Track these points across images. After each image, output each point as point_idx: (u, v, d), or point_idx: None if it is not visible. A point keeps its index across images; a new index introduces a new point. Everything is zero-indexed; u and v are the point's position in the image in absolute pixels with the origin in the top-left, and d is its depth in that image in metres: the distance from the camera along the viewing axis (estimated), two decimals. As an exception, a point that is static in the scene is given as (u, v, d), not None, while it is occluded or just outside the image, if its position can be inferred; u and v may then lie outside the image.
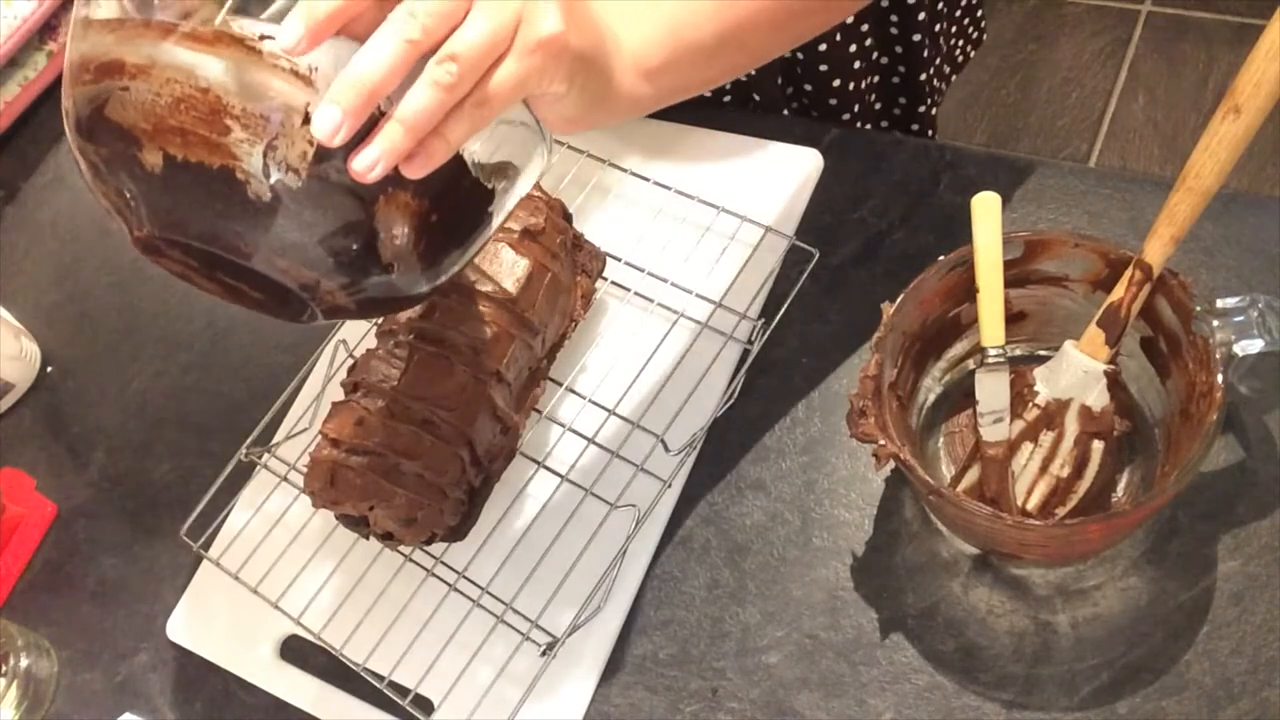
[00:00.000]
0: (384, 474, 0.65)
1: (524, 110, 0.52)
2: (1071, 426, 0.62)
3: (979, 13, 0.97)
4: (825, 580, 0.67)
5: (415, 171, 0.46)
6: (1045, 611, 0.63)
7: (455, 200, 0.50)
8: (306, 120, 0.45)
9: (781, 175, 0.80)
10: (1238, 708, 0.58)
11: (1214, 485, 0.63)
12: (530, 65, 0.46)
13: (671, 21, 0.54)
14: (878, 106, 0.92)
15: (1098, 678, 0.60)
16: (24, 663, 0.76)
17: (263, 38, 0.46)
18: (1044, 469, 0.63)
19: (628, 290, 0.77)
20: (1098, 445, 0.62)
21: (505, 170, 0.51)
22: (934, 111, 0.96)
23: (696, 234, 0.78)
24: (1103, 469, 0.62)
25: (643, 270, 0.77)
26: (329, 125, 0.43)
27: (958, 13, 0.94)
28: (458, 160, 0.49)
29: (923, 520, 0.67)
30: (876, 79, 0.90)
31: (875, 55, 0.88)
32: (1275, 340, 0.55)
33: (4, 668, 0.75)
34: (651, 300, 0.77)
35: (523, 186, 0.52)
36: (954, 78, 0.99)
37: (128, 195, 0.49)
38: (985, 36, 1.00)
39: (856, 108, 0.89)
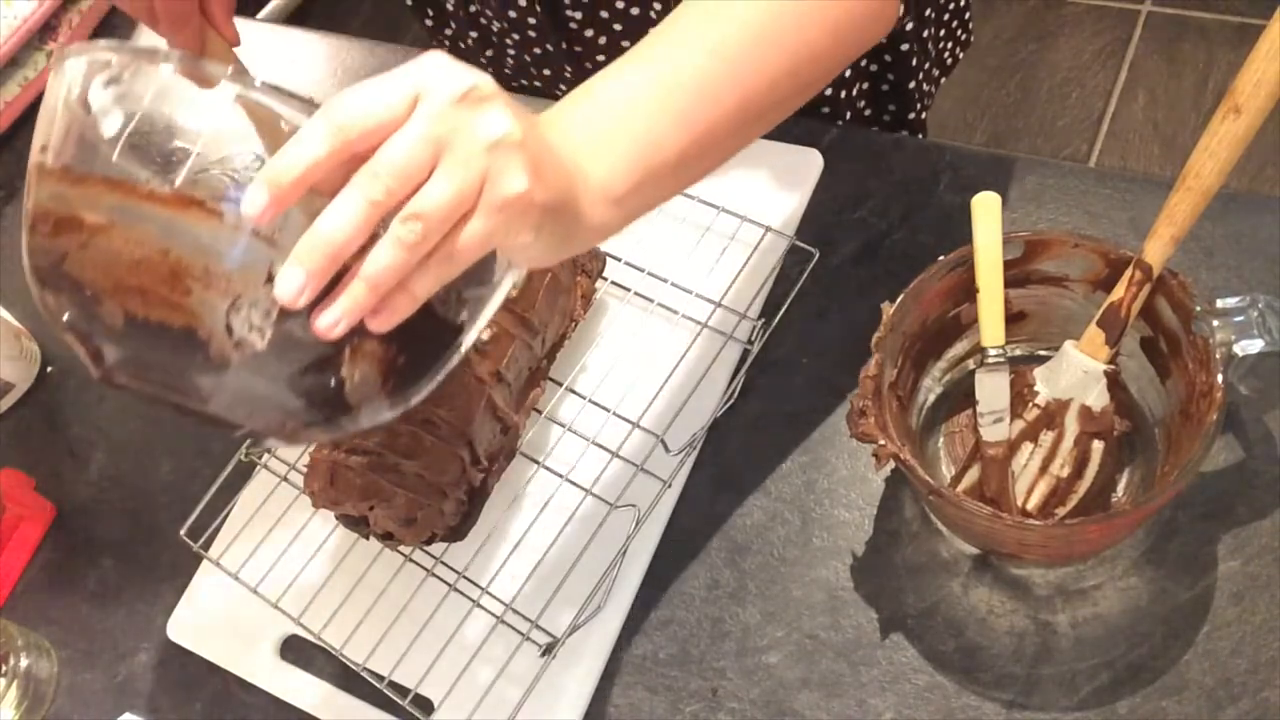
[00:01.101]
0: (384, 474, 0.65)
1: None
2: (1071, 426, 0.62)
3: (967, 15, 0.97)
4: (825, 580, 0.67)
5: (380, 326, 0.45)
6: (1045, 611, 0.63)
7: (421, 340, 0.49)
8: (270, 280, 0.44)
9: (781, 175, 0.80)
10: (1238, 708, 0.58)
11: (1214, 485, 0.63)
12: (495, 224, 0.46)
13: (636, 146, 0.54)
14: (868, 113, 0.92)
15: (1098, 678, 0.60)
16: (24, 663, 0.76)
17: (224, 199, 0.45)
18: (1044, 469, 0.63)
19: (628, 290, 0.77)
20: (1098, 445, 0.62)
21: (472, 302, 0.51)
22: (924, 116, 0.96)
23: (696, 234, 0.78)
24: (1103, 469, 0.62)
25: (643, 270, 0.77)
26: (293, 287, 0.42)
27: (946, 16, 0.94)
28: (423, 304, 0.48)
29: (923, 520, 0.67)
30: (866, 85, 0.90)
31: (864, 62, 0.88)
32: (1275, 340, 0.56)
33: (4, 668, 0.75)
34: (651, 300, 0.77)
35: (490, 313, 0.52)
36: (943, 80, 0.99)
37: (89, 338, 0.48)
38: (973, 38, 1.00)
39: (848, 115, 0.89)
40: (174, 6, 0.70)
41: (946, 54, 0.97)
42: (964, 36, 0.98)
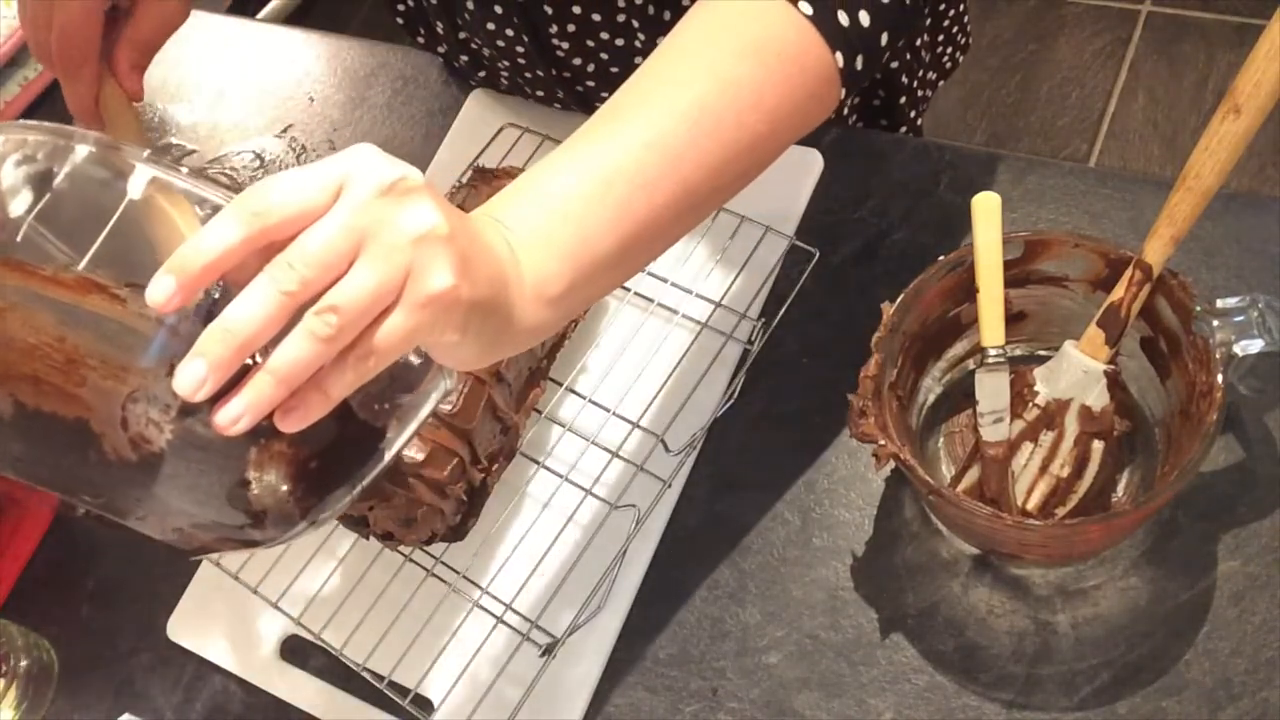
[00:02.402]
0: (384, 474, 0.65)
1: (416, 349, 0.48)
2: (1071, 426, 0.62)
3: (966, 19, 0.97)
4: (825, 580, 0.67)
5: (291, 426, 0.42)
6: (1045, 611, 0.63)
7: (339, 444, 0.46)
8: (171, 371, 0.41)
9: (781, 175, 0.79)
10: (1238, 708, 0.58)
11: (1214, 485, 0.63)
12: (419, 320, 0.43)
13: (572, 243, 0.51)
14: (859, 127, 0.92)
15: (1098, 678, 0.60)
16: (24, 663, 0.76)
17: (130, 285, 0.42)
18: (1044, 469, 0.63)
19: (627, 290, 0.77)
20: (1098, 445, 0.62)
21: (398, 406, 0.48)
22: (919, 122, 0.96)
23: (696, 234, 0.78)
24: (1103, 469, 0.62)
25: (643, 270, 0.77)
26: (192, 381, 0.40)
27: (945, 22, 0.94)
28: (341, 404, 0.44)
29: (923, 520, 0.67)
30: (857, 100, 0.90)
31: None
32: (1275, 340, 0.56)
33: (4, 668, 0.75)
34: (651, 300, 0.77)
35: (420, 418, 0.48)
36: (941, 83, 0.99)
37: None
38: (971, 40, 1.00)
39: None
40: (71, 50, 0.67)
41: (946, 59, 0.97)
42: (963, 40, 0.98)
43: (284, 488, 0.46)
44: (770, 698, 0.64)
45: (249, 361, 0.42)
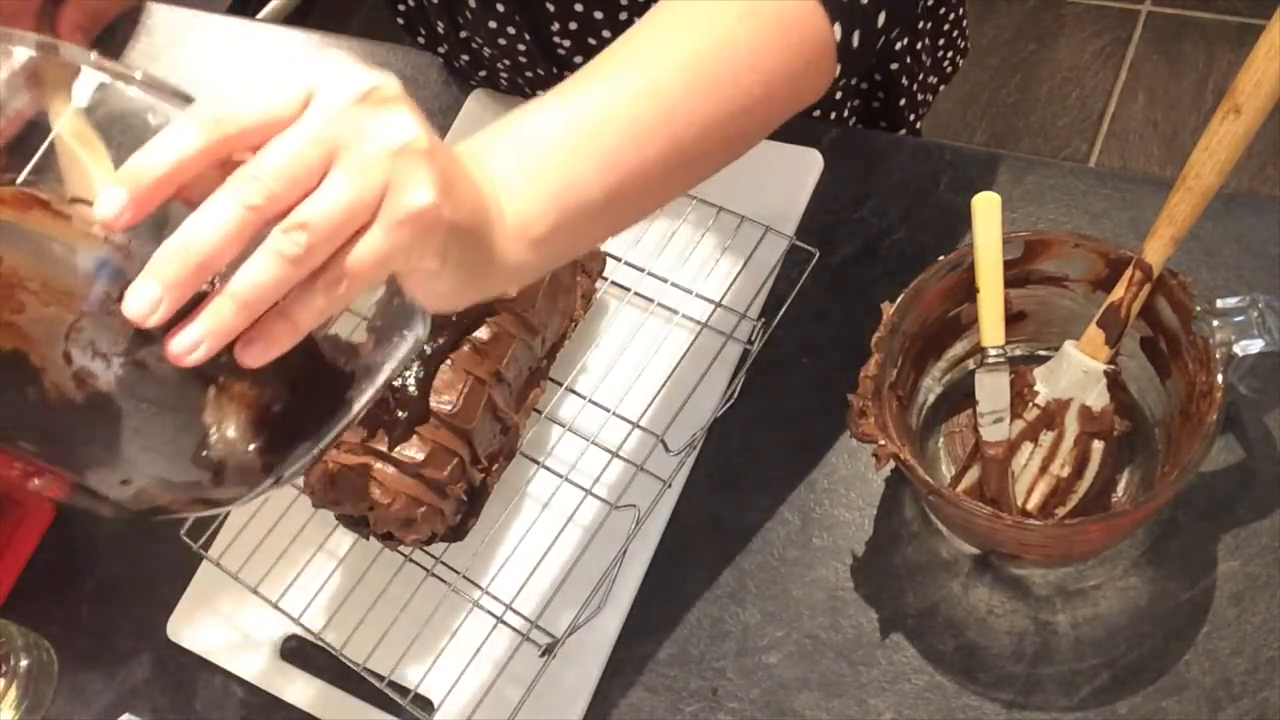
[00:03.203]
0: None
1: (389, 281, 0.43)
2: (1071, 426, 0.62)
3: (965, 23, 0.97)
4: (825, 580, 0.67)
5: (253, 359, 0.38)
6: (1045, 611, 0.63)
7: (303, 388, 0.42)
8: (121, 296, 0.37)
9: (781, 175, 0.80)
10: (1238, 708, 0.58)
11: (1214, 485, 0.63)
12: (396, 240, 0.39)
13: (558, 184, 0.48)
14: (860, 127, 0.92)
15: (1098, 678, 0.60)
16: (24, 663, 0.76)
17: (74, 200, 0.38)
18: (1044, 469, 0.63)
19: (628, 290, 0.77)
20: (1098, 445, 0.62)
21: (368, 348, 0.44)
22: (919, 125, 0.96)
23: (696, 234, 0.78)
24: (1103, 469, 0.62)
25: (643, 270, 0.77)
26: (144, 303, 0.35)
27: (945, 26, 0.94)
28: (308, 341, 0.40)
29: (923, 520, 0.67)
30: (857, 103, 0.90)
31: (855, 82, 0.88)
32: (1275, 340, 0.56)
33: (4, 668, 0.75)
34: (651, 300, 0.77)
35: (391, 366, 0.44)
36: (941, 88, 0.99)
37: None
38: (969, 43, 1.00)
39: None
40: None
41: (946, 62, 0.97)
42: (963, 45, 0.98)
43: (244, 436, 0.41)
44: (770, 698, 0.64)
45: (206, 287, 0.38)
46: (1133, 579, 0.62)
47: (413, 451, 0.65)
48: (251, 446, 0.42)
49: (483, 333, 0.68)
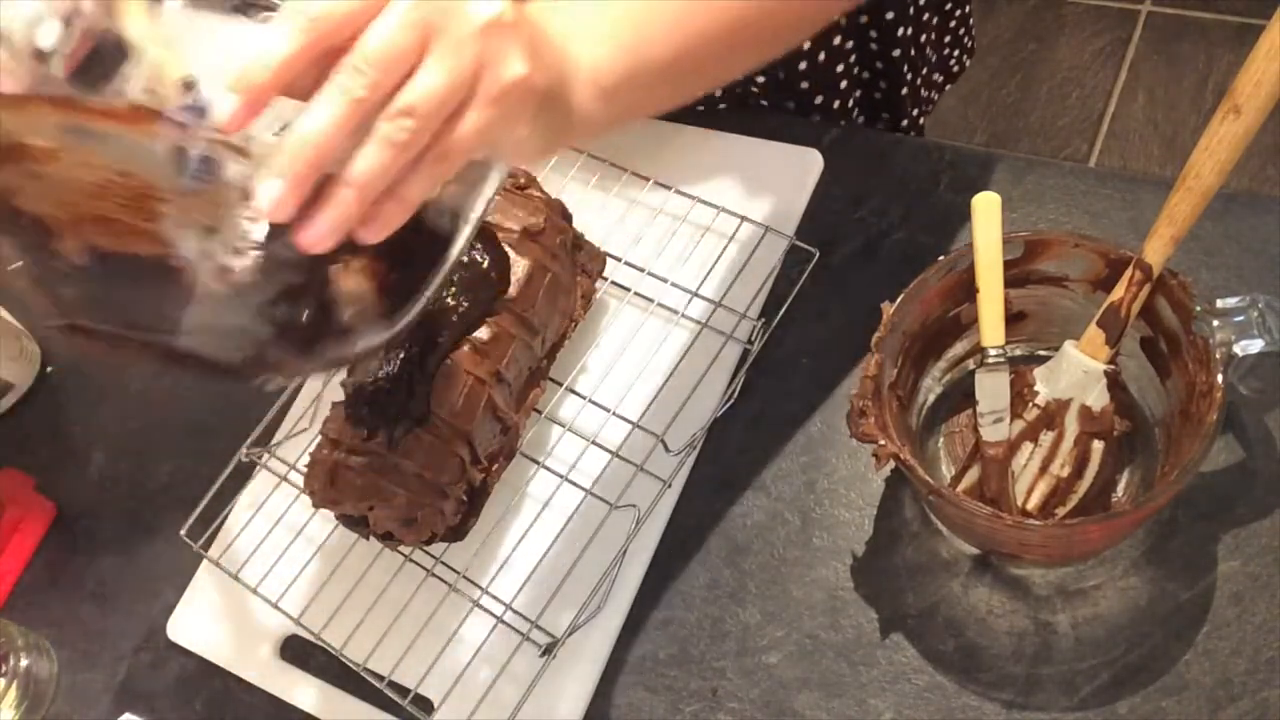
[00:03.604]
0: (384, 474, 0.65)
1: None
2: (1071, 426, 0.62)
3: (971, 22, 0.97)
4: (825, 580, 0.67)
5: (372, 237, 0.41)
6: (1045, 611, 0.63)
7: (413, 251, 0.45)
8: (246, 196, 0.40)
9: (781, 175, 0.80)
10: (1238, 708, 0.58)
11: (1214, 485, 0.63)
12: (494, 114, 0.42)
13: (628, 38, 0.50)
14: (860, 120, 0.92)
15: (1098, 678, 0.60)
16: (24, 663, 0.76)
17: (187, 108, 0.40)
18: (1044, 469, 0.63)
19: (628, 290, 0.77)
20: (1098, 445, 0.62)
21: (460, 206, 0.47)
22: (921, 121, 0.96)
23: (696, 234, 0.78)
24: (1103, 469, 0.62)
25: (643, 270, 0.77)
26: (272, 200, 0.39)
27: (952, 23, 0.94)
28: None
29: (923, 520, 0.67)
30: (860, 93, 0.90)
31: (857, 71, 0.88)
32: (1275, 340, 0.55)
33: (4, 668, 0.75)
34: (651, 300, 0.77)
35: (477, 215, 0.48)
36: (947, 86, 0.99)
37: (44, 284, 0.43)
38: (974, 44, 1.00)
39: (842, 123, 0.88)
40: None
41: (952, 61, 0.97)
42: (969, 44, 0.98)
43: (370, 302, 0.45)
44: (770, 698, 0.64)
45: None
46: (1133, 579, 0.62)
47: (413, 452, 0.65)
48: (374, 309, 0.45)
49: (483, 333, 0.68)
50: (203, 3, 0.41)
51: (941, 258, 0.62)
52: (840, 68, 0.85)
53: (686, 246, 0.78)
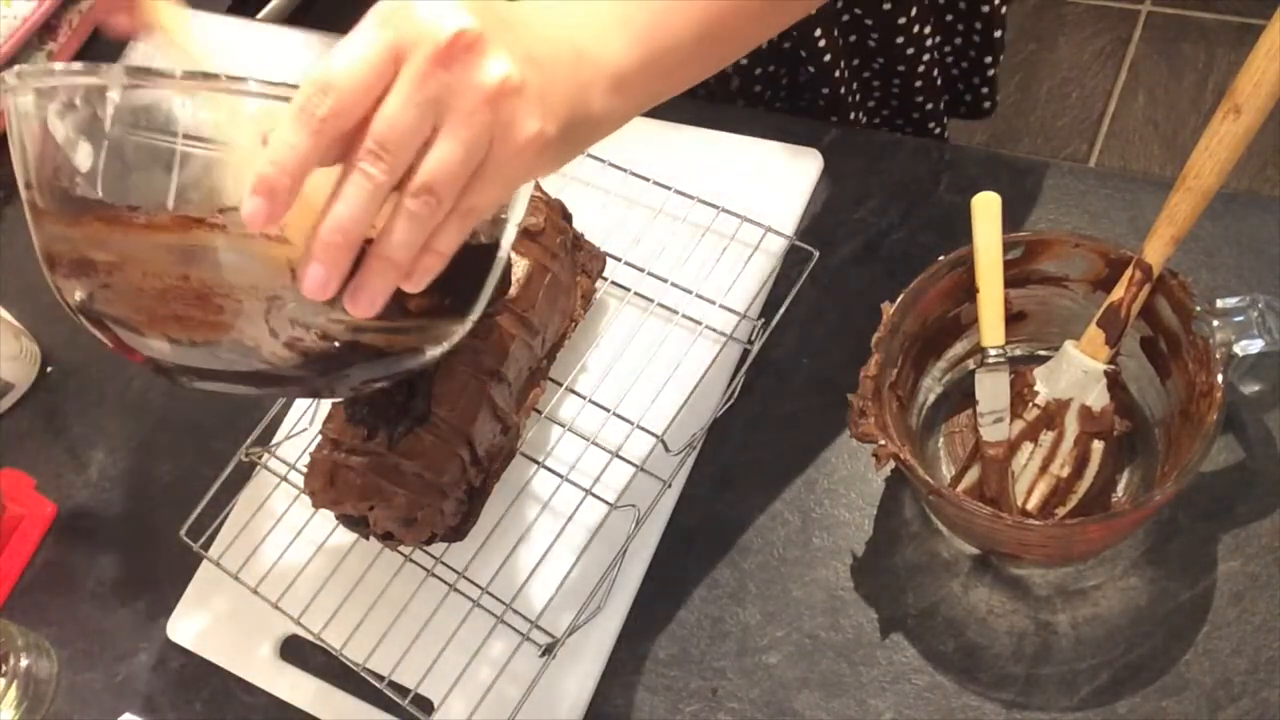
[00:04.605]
0: (384, 474, 0.65)
1: None
2: (1071, 426, 0.62)
3: (990, 72, 0.97)
4: (825, 580, 0.67)
5: (416, 287, 0.44)
6: (1045, 611, 0.63)
7: (462, 274, 0.48)
8: (294, 276, 0.43)
9: (781, 175, 0.80)
10: (1238, 707, 0.58)
11: (1214, 485, 0.63)
12: (514, 171, 0.44)
13: (648, 26, 0.50)
14: (861, 127, 0.92)
15: (1098, 678, 0.60)
16: (24, 663, 0.76)
17: (223, 210, 0.43)
18: (1044, 469, 0.63)
19: (628, 290, 0.77)
20: (1098, 445, 0.62)
21: (497, 220, 0.50)
22: (945, 122, 0.96)
23: (696, 234, 0.78)
24: (1103, 469, 0.62)
25: (643, 270, 0.77)
26: (318, 286, 0.42)
27: (976, 22, 0.94)
28: None
29: (923, 520, 0.67)
30: (874, 82, 0.89)
31: (864, 77, 0.88)
32: (1275, 340, 0.55)
33: (4, 668, 0.75)
34: (651, 300, 0.77)
35: (516, 218, 0.50)
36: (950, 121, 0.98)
37: (151, 362, 0.48)
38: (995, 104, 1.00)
39: (851, 116, 0.88)
40: None
41: (963, 105, 0.97)
42: (986, 101, 0.98)
43: (430, 327, 0.49)
44: (770, 698, 0.64)
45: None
46: (1133, 579, 0.62)
47: (413, 452, 0.65)
48: (434, 329, 0.50)
49: (483, 333, 0.68)
50: (212, 89, 0.43)
51: (941, 258, 0.62)
52: (845, 66, 0.85)
53: (686, 246, 0.78)
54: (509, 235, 0.50)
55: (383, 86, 0.41)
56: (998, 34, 0.93)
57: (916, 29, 0.88)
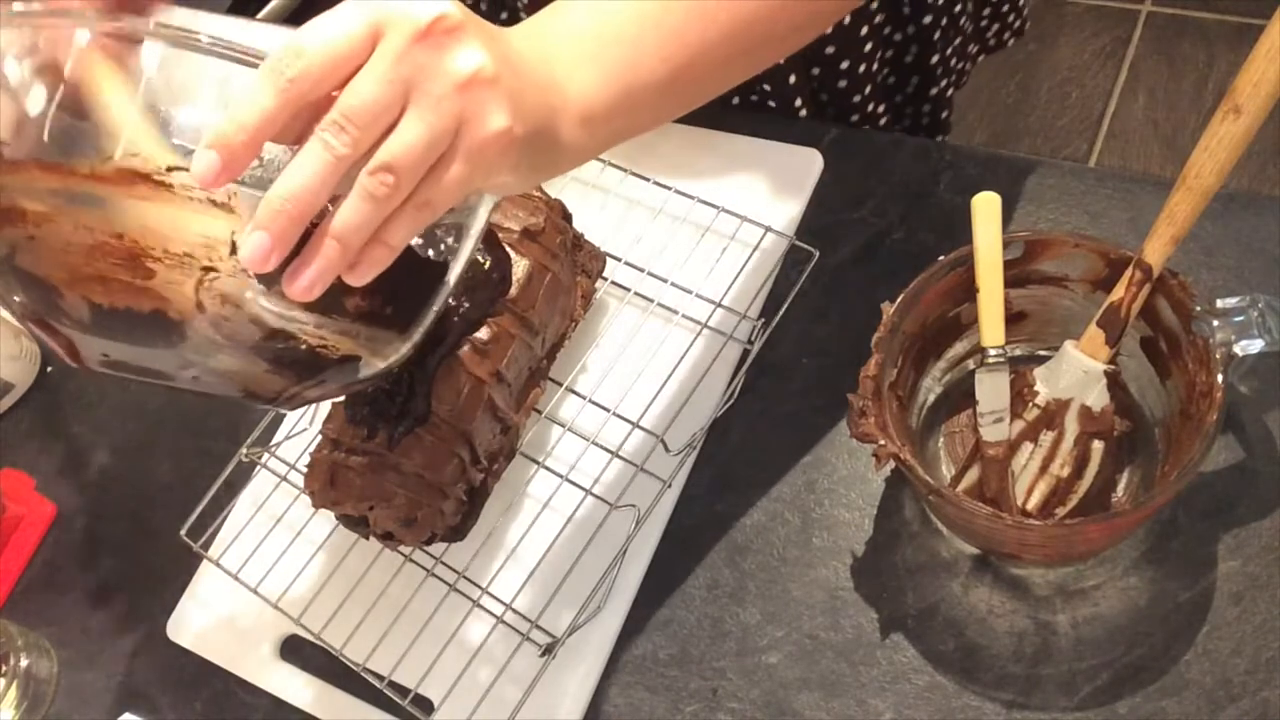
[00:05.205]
0: (384, 474, 0.65)
1: None
2: (1071, 426, 0.62)
3: (1022, 2, 0.95)
4: (825, 580, 0.67)
5: (359, 280, 0.42)
6: (1045, 611, 0.63)
7: (406, 285, 0.46)
8: (234, 250, 0.41)
9: (781, 175, 0.80)
10: (1238, 708, 0.58)
11: (1214, 485, 0.63)
12: (474, 166, 0.42)
13: (618, 61, 0.49)
14: (891, 81, 0.91)
15: (1098, 678, 0.60)
16: (24, 663, 0.76)
17: (171, 169, 0.42)
18: (1044, 469, 0.63)
19: (628, 290, 0.77)
20: (1098, 445, 0.62)
21: (451, 236, 0.48)
22: (950, 93, 0.95)
23: (696, 234, 0.78)
24: (1103, 469, 0.62)
25: (643, 270, 0.77)
26: (257, 254, 0.39)
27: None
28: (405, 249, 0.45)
29: (923, 520, 0.67)
30: (890, 53, 0.88)
31: (887, 31, 0.87)
32: (1275, 340, 0.55)
33: (4, 668, 0.75)
34: (651, 300, 0.77)
35: (471, 241, 0.48)
36: (981, 58, 0.97)
37: (56, 330, 0.45)
38: (1027, 25, 0.99)
39: (868, 88, 0.87)
40: None
41: (990, 34, 0.95)
42: (1015, 22, 0.96)
43: (366, 335, 0.46)
44: (770, 698, 0.64)
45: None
46: (1133, 579, 0.62)
47: (413, 452, 0.65)
48: (373, 340, 0.46)
49: (483, 333, 0.68)
50: (184, 46, 0.42)
51: (941, 258, 0.62)
52: (865, 29, 0.84)
53: (686, 246, 0.78)
54: (462, 257, 0.48)
55: (356, 62, 0.40)
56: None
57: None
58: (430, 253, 0.47)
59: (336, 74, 0.40)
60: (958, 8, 0.89)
